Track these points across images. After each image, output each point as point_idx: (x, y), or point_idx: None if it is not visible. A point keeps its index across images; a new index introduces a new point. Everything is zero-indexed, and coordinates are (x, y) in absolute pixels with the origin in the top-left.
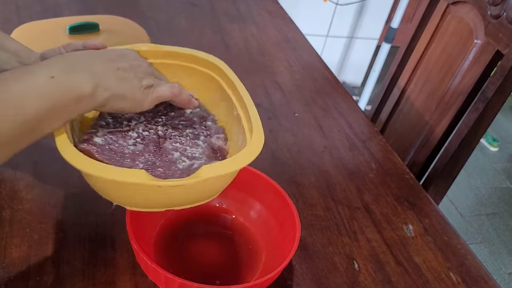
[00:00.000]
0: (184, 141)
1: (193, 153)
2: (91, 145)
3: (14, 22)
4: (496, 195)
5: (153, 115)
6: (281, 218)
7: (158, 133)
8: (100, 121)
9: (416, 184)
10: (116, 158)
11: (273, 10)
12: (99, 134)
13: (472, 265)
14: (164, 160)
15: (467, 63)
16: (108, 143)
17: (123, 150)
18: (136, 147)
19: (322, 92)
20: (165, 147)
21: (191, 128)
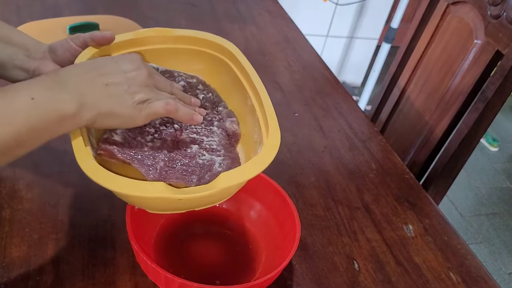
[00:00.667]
0: (199, 130)
1: (210, 145)
2: (112, 145)
3: (14, 22)
4: (496, 195)
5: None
6: (281, 218)
7: (175, 126)
8: None
9: (416, 184)
10: (136, 157)
11: (273, 10)
12: (118, 131)
13: (472, 265)
14: (184, 154)
15: (467, 63)
16: (127, 141)
17: (142, 147)
18: (154, 143)
19: (322, 92)
20: (183, 140)
21: (205, 115)
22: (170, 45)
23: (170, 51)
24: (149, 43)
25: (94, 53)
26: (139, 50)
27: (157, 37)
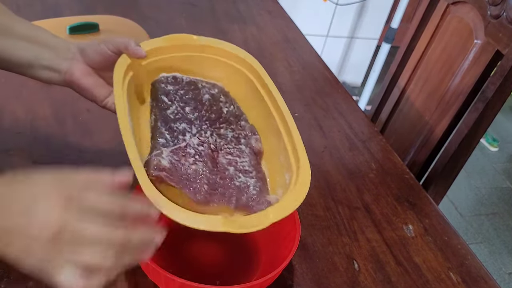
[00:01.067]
0: (231, 150)
1: (243, 166)
2: (162, 171)
3: None
4: (496, 195)
5: (200, 123)
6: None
7: (211, 147)
8: (159, 139)
9: (416, 184)
10: (183, 182)
11: (273, 10)
12: (164, 155)
13: (472, 265)
14: (223, 177)
15: (467, 63)
16: (174, 165)
17: (187, 170)
18: (197, 165)
19: (322, 92)
20: (220, 162)
21: (231, 130)
22: (195, 54)
23: (195, 59)
24: (176, 51)
25: (128, 63)
26: (167, 57)
27: (184, 45)
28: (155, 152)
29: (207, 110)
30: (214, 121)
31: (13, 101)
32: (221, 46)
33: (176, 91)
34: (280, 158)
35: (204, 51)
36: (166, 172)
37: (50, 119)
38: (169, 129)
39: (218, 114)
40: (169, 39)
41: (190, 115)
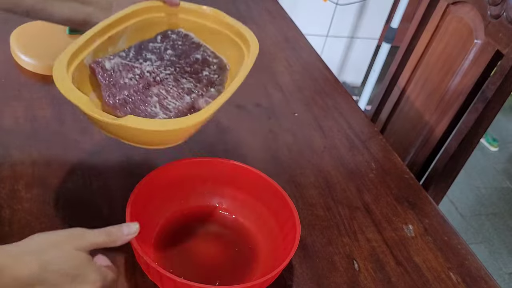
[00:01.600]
0: (171, 90)
1: (168, 104)
2: (99, 67)
3: (14, 22)
4: (496, 195)
5: (168, 64)
6: (281, 218)
7: (156, 78)
8: (125, 51)
9: (416, 184)
10: (109, 85)
11: (273, 10)
12: (113, 60)
13: (472, 265)
14: (143, 100)
15: (467, 63)
16: (113, 70)
17: (118, 79)
18: (130, 81)
19: (322, 92)
20: (152, 90)
21: (192, 84)
22: (222, 29)
23: (217, 32)
24: (206, 19)
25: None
26: (195, 20)
27: (214, 17)
28: (108, 56)
29: (187, 63)
30: (183, 69)
31: (14, 101)
32: (242, 30)
33: (174, 40)
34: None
35: (229, 30)
36: (101, 69)
37: (50, 119)
38: (136, 51)
39: (193, 70)
40: (204, 8)
41: (165, 55)
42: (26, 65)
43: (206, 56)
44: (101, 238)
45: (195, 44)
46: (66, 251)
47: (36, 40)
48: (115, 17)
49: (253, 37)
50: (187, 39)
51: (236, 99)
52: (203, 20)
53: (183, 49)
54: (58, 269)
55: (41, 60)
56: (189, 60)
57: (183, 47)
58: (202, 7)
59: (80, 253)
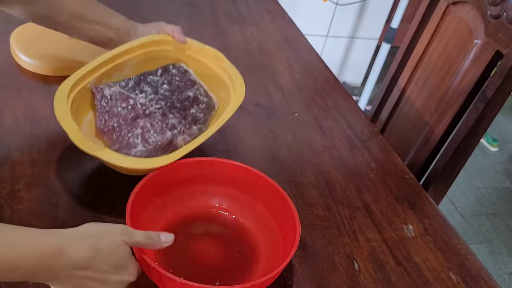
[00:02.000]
0: (156, 125)
1: (149, 137)
2: (99, 93)
3: (14, 22)
4: (496, 195)
5: (160, 98)
6: (281, 218)
7: (145, 111)
8: (126, 80)
9: (416, 184)
10: (103, 111)
11: (273, 10)
12: (112, 88)
13: (472, 265)
14: (128, 130)
15: (467, 63)
16: (111, 98)
17: (111, 107)
18: (122, 110)
19: (322, 92)
20: (139, 123)
21: (176, 120)
22: (219, 71)
23: (214, 73)
24: (208, 58)
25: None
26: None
27: (215, 57)
28: (110, 83)
29: (178, 99)
30: (173, 105)
31: (13, 101)
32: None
33: (173, 75)
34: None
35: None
36: (100, 95)
37: (50, 119)
38: (136, 82)
39: (182, 106)
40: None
41: (160, 89)
42: (26, 65)
43: (197, 94)
44: (144, 240)
45: (191, 82)
46: (116, 242)
47: (36, 40)
48: (124, 47)
49: (242, 85)
50: (185, 75)
51: None
52: (205, 59)
53: (178, 85)
54: (108, 257)
55: (41, 60)
56: (180, 97)
57: (179, 83)
58: (205, 47)
59: (126, 246)
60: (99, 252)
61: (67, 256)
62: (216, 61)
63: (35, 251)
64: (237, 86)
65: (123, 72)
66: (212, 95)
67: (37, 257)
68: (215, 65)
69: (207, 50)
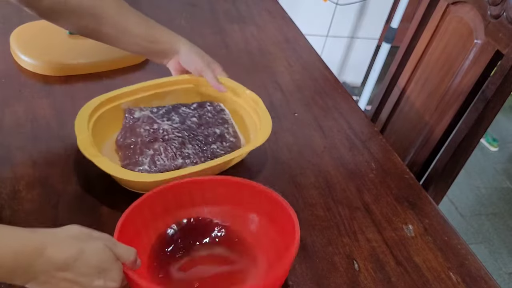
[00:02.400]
0: (170, 151)
1: (157, 160)
2: (129, 113)
3: (14, 22)
4: (496, 195)
5: (185, 129)
6: (283, 228)
7: (165, 137)
8: (159, 107)
9: (416, 184)
10: (127, 128)
11: (273, 10)
12: (143, 112)
13: (472, 265)
14: (142, 149)
15: (467, 63)
16: (138, 119)
17: (137, 128)
18: (144, 132)
19: (322, 92)
20: (153, 144)
21: (193, 151)
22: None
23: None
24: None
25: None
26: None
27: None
28: (143, 107)
29: (203, 133)
30: (196, 137)
31: (14, 101)
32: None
33: (207, 112)
34: None
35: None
36: (130, 115)
37: (50, 119)
38: (167, 110)
39: (205, 141)
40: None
41: (188, 121)
42: (26, 65)
43: (225, 133)
44: (126, 255)
45: (223, 120)
46: (100, 246)
47: (36, 40)
48: (167, 79)
49: (267, 130)
50: (219, 113)
51: None
52: (243, 101)
53: (208, 121)
54: (91, 260)
55: (41, 60)
56: (206, 131)
57: (210, 119)
58: (246, 90)
59: (110, 253)
60: (82, 254)
61: (48, 256)
62: (252, 103)
63: (16, 249)
64: (263, 130)
65: (162, 102)
66: (241, 137)
67: (18, 255)
68: (250, 108)
69: (247, 94)
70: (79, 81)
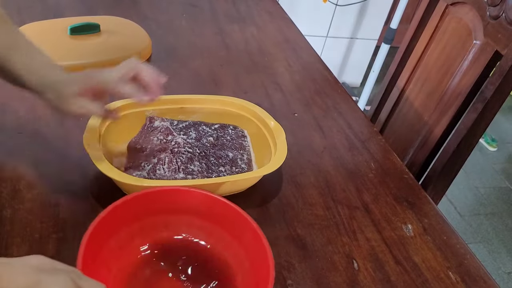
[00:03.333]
0: (174, 163)
1: (158, 169)
2: (149, 121)
3: (15, 23)
4: (495, 195)
5: (200, 146)
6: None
7: (174, 149)
8: (180, 121)
9: (415, 184)
10: (142, 134)
11: (273, 10)
12: (163, 122)
13: (471, 264)
14: (148, 155)
15: (466, 63)
16: (156, 129)
17: (151, 136)
18: (156, 140)
19: (322, 92)
20: (160, 154)
21: (199, 168)
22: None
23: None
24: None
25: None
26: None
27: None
28: (165, 118)
29: (215, 153)
30: (206, 156)
31: (14, 101)
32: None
33: (227, 134)
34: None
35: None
36: (149, 123)
37: (50, 119)
38: (186, 126)
39: (214, 162)
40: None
41: (204, 139)
42: None
43: (238, 159)
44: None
45: (240, 146)
46: (61, 279)
47: (36, 40)
48: (194, 96)
49: (278, 162)
50: (239, 139)
51: None
52: (267, 132)
53: (224, 143)
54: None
55: None
56: (219, 153)
57: (227, 142)
58: (272, 122)
59: (74, 285)
60: (39, 285)
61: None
62: (275, 135)
63: None
64: (271, 163)
65: (188, 118)
66: (256, 167)
67: None
68: (271, 140)
69: (272, 126)
70: None
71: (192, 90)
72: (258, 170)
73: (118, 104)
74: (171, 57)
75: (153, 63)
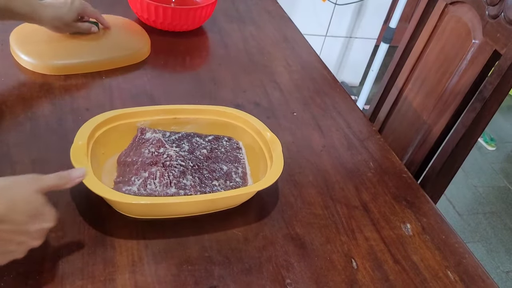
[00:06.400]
0: (165, 178)
1: (149, 184)
2: (141, 133)
3: (14, 22)
4: (493, 194)
5: (192, 158)
6: None
7: (165, 163)
8: (172, 132)
9: (414, 183)
10: (132, 147)
11: (272, 10)
12: (154, 134)
13: (470, 263)
14: (138, 169)
15: (465, 63)
16: (148, 140)
17: (142, 148)
18: (147, 153)
19: (321, 91)
20: (151, 168)
21: (192, 181)
22: (268, 157)
23: (265, 158)
24: (265, 144)
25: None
26: (258, 139)
27: (271, 143)
28: (157, 130)
29: (209, 167)
30: (199, 170)
31: (13, 99)
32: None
33: (221, 146)
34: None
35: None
36: (141, 134)
37: (50, 118)
38: (180, 138)
39: (208, 176)
40: (270, 138)
41: (197, 152)
42: (26, 64)
43: (232, 172)
44: (55, 181)
45: (235, 159)
46: (28, 193)
47: (35, 39)
48: (189, 106)
49: (273, 177)
50: (233, 151)
51: (236, 99)
52: (263, 144)
53: (218, 156)
54: (23, 208)
55: (40, 59)
56: (213, 166)
57: (221, 154)
58: (268, 133)
59: (39, 195)
60: (14, 204)
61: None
62: (271, 146)
63: None
64: (270, 175)
65: (184, 128)
66: (251, 181)
67: None
68: (267, 151)
69: (268, 137)
70: (79, 80)
71: (191, 89)
72: (253, 186)
73: (108, 115)
74: (170, 55)
75: (152, 62)
